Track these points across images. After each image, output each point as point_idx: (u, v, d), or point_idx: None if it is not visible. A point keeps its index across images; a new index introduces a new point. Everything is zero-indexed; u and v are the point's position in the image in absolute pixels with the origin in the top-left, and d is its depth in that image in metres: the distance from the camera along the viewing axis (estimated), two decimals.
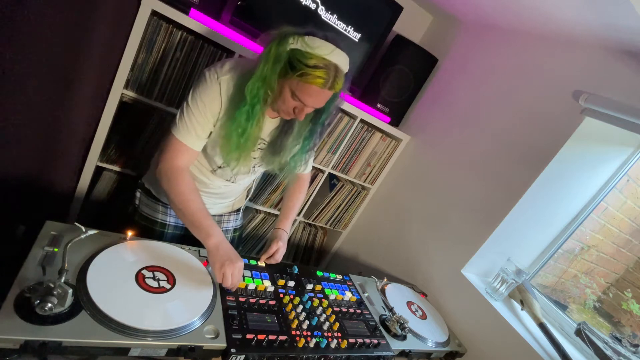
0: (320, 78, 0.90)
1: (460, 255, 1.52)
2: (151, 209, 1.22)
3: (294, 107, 0.97)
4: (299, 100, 0.94)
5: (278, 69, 0.91)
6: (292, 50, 0.90)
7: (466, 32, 1.90)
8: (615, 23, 1.12)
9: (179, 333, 0.78)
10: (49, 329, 0.67)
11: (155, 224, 1.22)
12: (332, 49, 0.90)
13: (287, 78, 0.92)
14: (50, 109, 1.22)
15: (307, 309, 1.05)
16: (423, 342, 1.19)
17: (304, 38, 0.89)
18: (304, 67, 0.89)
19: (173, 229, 1.24)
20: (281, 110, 1.00)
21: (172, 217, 1.23)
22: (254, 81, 0.93)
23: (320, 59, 0.89)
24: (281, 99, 0.96)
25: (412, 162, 1.94)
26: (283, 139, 1.08)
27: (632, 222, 1.60)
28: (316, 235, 2.22)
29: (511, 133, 1.50)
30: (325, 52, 0.89)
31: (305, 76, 0.89)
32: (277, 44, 0.90)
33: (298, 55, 0.89)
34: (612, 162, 1.42)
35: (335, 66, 0.91)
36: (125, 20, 1.25)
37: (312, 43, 0.89)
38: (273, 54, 0.90)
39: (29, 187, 1.31)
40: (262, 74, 0.92)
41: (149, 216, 1.22)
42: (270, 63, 0.91)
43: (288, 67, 0.91)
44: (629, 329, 1.50)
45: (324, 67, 0.89)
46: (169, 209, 1.21)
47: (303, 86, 0.91)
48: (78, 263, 0.82)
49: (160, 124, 1.48)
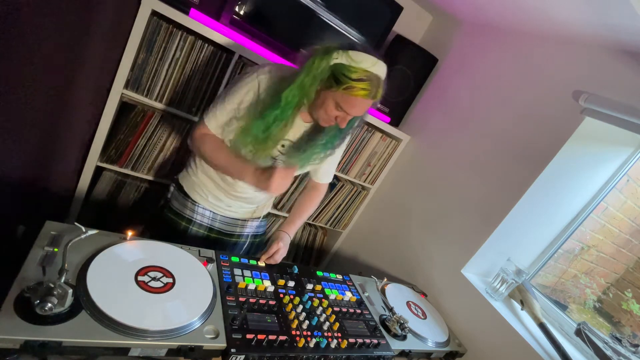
0: (365, 90, 0.96)
1: (460, 255, 1.52)
2: (181, 204, 1.27)
3: (336, 116, 1.03)
4: (342, 110, 1.00)
5: (320, 81, 0.97)
6: (336, 64, 0.95)
7: (466, 32, 1.90)
8: (615, 23, 1.12)
9: (179, 333, 0.78)
10: (49, 329, 0.66)
11: (183, 219, 1.26)
12: (375, 61, 0.96)
13: (332, 91, 0.97)
14: (50, 109, 1.22)
15: (307, 309, 1.05)
16: (423, 342, 1.19)
17: (347, 53, 0.95)
18: (349, 80, 0.94)
19: (198, 227, 1.27)
20: (322, 119, 1.05)
21: (198, 215, 1.27)
22: (292, 89, 0.98)
23: (363, 71, 0.95)
24: (323, 109, 1.01)
25: (412, 162, 1.94)
26: (308, 141, 1.13)
27: (632, 222, 1.60)
28: (316, 235, 2.22)
29: (511, 133, 1.50)
30: (369, 64, 0.95)
31: (350, 89, 0.95)
32: (320, 57, 0.96)
33: (342, 69, 0.94)
34: (612, 162, 1.42)
35: (378, 77, 0.97)
36: (125, 20, 1.25)
37: (356, 57, 0.94)
38: (316, 67, 0.96)
39: (29, 187, 1.31)
40: (302, 84, 0.97)
41: (178, 211, 1.27)
42: (311, 75, 0.96)
43: (332, 81, 0.96)
44: (629, 329, 1.50)
45: (367, 80, 0.95)
46: (197, 206, 1.26)
47: (348, 98, 0.97)
48: (78, 263, 0.82)
49: (160, 124, 1.48)
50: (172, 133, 1.51)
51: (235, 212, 1.29)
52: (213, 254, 1.07)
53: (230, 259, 1.09)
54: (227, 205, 1.26)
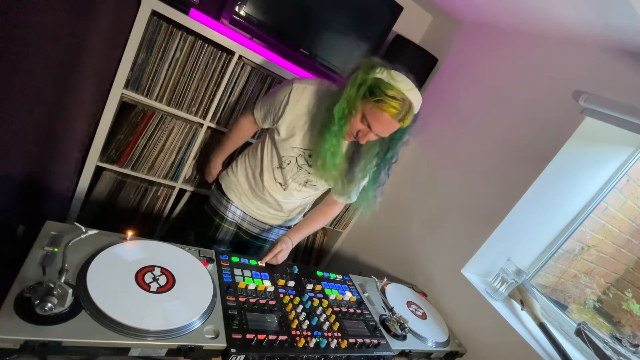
0: (394, 109, 0.97)
1: (460, 255, 1.52)
2: (217, 201, 1.37)
3: (358, 130, 1.04)
4: (367, 123, 1.02)
5: (362, 93, 0.99)
6: (377, 79, 0.98)
7: (466, 32, 1.90)
8: (615, 23, 1.12)
9: (179, 333, 0.78)
10: (49, 329, 0.66)
11: (217, 214, 1.36)
12: (412, 87, 0.99)
13: (364, 102, 1.00)
14: (50, 109, 1.22)
15: (307, 309, 1.05)
16: (423, 342, 1.19)
17: (390, 71, 0.98)
18: (383, 95, 0.96)
19: (229, 224, 1.36)
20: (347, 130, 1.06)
21: (230, 213, 1.35)
22: (341, 103, 1.01)
23: (399, 91, 0.97)
24: (350, 119, 1.03)
25: (412, 162, 1.94)
26: (352, 168, 1.15)
27: (632, 222, 1.60)
28: (316, 235, 2.22)
29: (511, 133, 1.50)
30: (406, 87, 0.98)
31: (381, 103, 0.97)
32: (364, 71, 0.99)
33: (380, 84, 0.97)
34: (612, 162, 1.42)
35: (410, 102, 0.99)
36: (125, 20, 1.25)
37: (396, 77, 0.98)
38: (360, 79, 0.98)
39: (29, 187, 1.31)
40: (347, 97, 1.00)
41: (214, 207, 1.37)
42: (355, 87, 0.99)
43: (367, 92, 0.98)
44: (629, 329, 1.50)
45: (400, 100, 0.97)
46: (231, 204, 1.35)
47: (376, 112, 0.99)
48: (78, 263, 0.82)
49: (160, 124, 1.48)
50: (172, 133, 1.51)
51: (263, 215, 1.36)
52: (213, 254, 1.07)
53: (230, 259, 1.09)
54: (257, 208, 1.34)
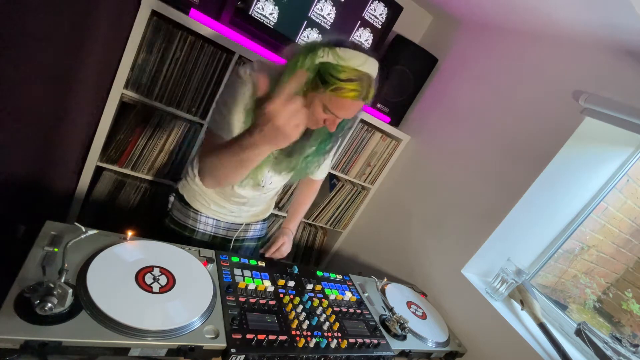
0: (354, 91, 0.86)
1: (460, 255, 1.52)
2: (183, 214, 1.23)
3: (324, 119, 0.94)
4: (331, 113, 0.91)
5: (312, 84, 0.88)
6: (323, 63, 0.86)
7: (466, 32, 1.90)
8: (615, 23, 1.12)
9: (179, 333, 0.78)
10: (49, 329, 0.66)
11: (185, 229, 1.23)
12: (364, 59, 0.86)
13: (319, 92, 0.88)
14: (50, 109, 1.22)
15: (307, 309, 1.05)
16: (423, 342, 1.19)
17: (335, 50, 0.85)
18: (337, 81, 0.85)
19: (201, 236, 1.24)
20: (310, 121, 0.94)
21: (201, 224, 1.23)
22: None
23: (352, 70, 0.85)
24: (310, 111, 0.91)
25: (412, 162, 1.94)
26: (297, 143, 0.96)
27: (632, 222, 1.60)
28: (316, 235, 2.22)
29: (511, 133, 1.50)
30: (357, 63, 0.85)
31: (338, 90, 0.86)
32: (304, 55, 0.86)
33: (329, 68, 0.85)
34: (612, 162, 1.42)
35: (368, 76, 0.88)
36: (125, 20, 1.25)
37: (344, 54, 0.85)
38: (300, 66, 0.86)
39: (29, 187, 1.31)
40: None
41: (180, 221, 1.23)
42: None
43: (318, 81, 0.87)
44: (629, 329, 1.50)
45: (357, 80, 0.86)
46: (200, 215, 1.22)
47: (336, 100, 0.88)
48: (78, 263, 0.82)
49: (160, 124, 1.48)
50: (172, 133, 1.51)
51: (238, 216, 1.26)
52: (213, 254, 1.07)
53: (230, 259, 1.09)
54: (230, 211, 1.24)
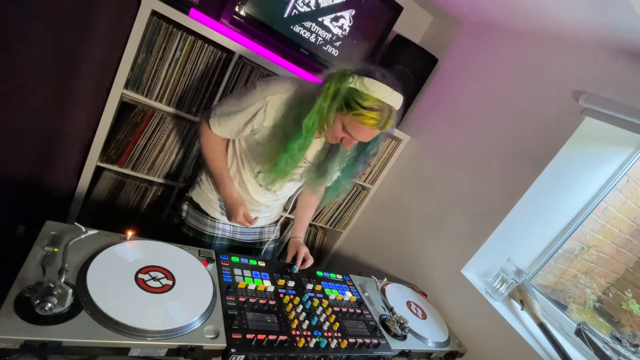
0: (374, 119, 0.94)
1: (460, 255, 1.52)
2: (199, 222, 1.26)
3: (342, 138, 1.02)
4: (348, 134, 0.99)
5: (336, 105, 0.95)
6: (350, 89, 0.93)
7: (466, 32, 1.90)
8: (615, 23, 1.12)
9: (179, 333, 0.78)
10: (49, 329, 0.66)
11: (204, 236, 1.26)
12: (390, 92, 0.94)
13: (342, 113, 0.96)
14: (50, 109, 1.22)
15: (307, 309, 1.05)
16: (423, 342, 1.19)
17: (363, 79, 0.92)
18: (359, 107, 0.93)
19: (220, 241, 1.28)
20: (328, 136, 1.05)
21: (219, 230, 1.27)
22: (311, 116, 0.97)
23: (376, 101, 0.93)
24: (331, 128, 1.01)
25: (412, 162, 1.94)
26: (327, 163, 1.13)
27: (632, 222, 1.60)
28: (316, 235, 2.22)
29: (511, 133, 1.50)
30: (382, 95, 0.93)
31: (358, 116, 0.93)
32: (336, 81, 0.94)
33: (355, 95, 0.93)
34: (612, 162, 1.42)
35: (390, 108, 0.95)
36: (125, 20, 1.25)
37: (371, 86, 0.92)
38: (332, 91, 0.94)
39: (29, 187, 1.31)
40: (320, 110, 0.96)
41: (197, 228, 1.26)
42: (328, 100, 0.95)
43: (344, 104, 0.95)
44: (629, 329, 1.50)
45: (378, 110, 0.93)
46: (217, 222, 1.27)
47: (355, 124, 0.95)
48: (78, 263, 0.82)
49: (160, 124, 1.48)
50: (172, 133, 1.51)
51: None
52: (213, 254, 1.07)
53: (230, 259, 1.09)
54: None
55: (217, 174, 1.15)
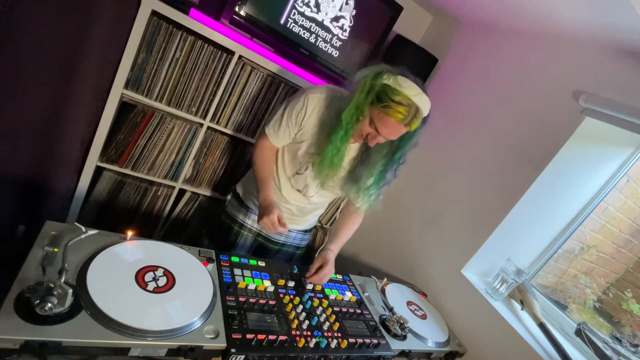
0: (400, 114, 0.99)
1: (460, 255, 1.52)
2: (236, 209, 1.38)
3: (367, 133, 1.07)
4: (375, 128, 1.04)
5: (370, 99, 1.02)
6: (384, 84, 1.01)
7: (466, 32, 1.90)
8: (615, 23, 1.12)
9: (179, 333, 0.78)
10: (49, 329, 0.67)
11: (236, 222, 1.36)
12: (419, 92, 1.01)
13: (372, 106, 1.03)
14: (50, 109, 1.22)
15: (307, 309, 1.05)
16: (423, 342, 1.19)
17: (396, 77, 1.01)
18: (389, 100, 0.99)
19: (248, 231, 1.37)
20: (356, 132, 1.09)
21: (249, 220, 1.36)
22: (350, 108, 1.04)
23: (405, 97, 0.99)
24: (360, 122, 1.06)
25: (412, 162, 1.93)
26: (360, 168, 1.18)
27: (632, 222, 1.60)
28: (316, 235, 2.21)
29: (511, 133, 1.50)
30: (412, 93, 1.00)
31: (387, 108, 1.00)
32: (372, 77, 1.02)
33: (387, 89, 1.00)
34: (612, 162, 1.42)
35: (417, 107, 1.01)
36: (125, 20, 1.25)
37: (403, 82, 1.00)
38: (368, 86, 1.02)
39: (29, 187, 1.31)
40: (357, 102, 1.03)
41: (233, 215, 1.37)
42: (364, 93, 1.02)
43: (375, 97, 1.01)
44: (629, 329, 1.50)
45: (406, 105, 0.99)
46: (250, 212, 1.36)
47: (383, 117, 1.01)
48: (78, 263, 0.82)
49: (160, 124, 1.48)
50: (172, 133, 1.51)
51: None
52: (213, 254, 1.07)
53: (230, 258, 1.09)
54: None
55: (262, 180, 1.20)
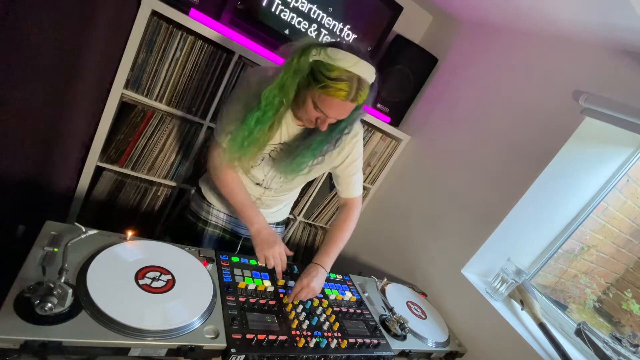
0: (342, 90, 0.89)
1: (460, 255, 1.52)
2: (198, 206, 1.30)
3: (316, 118, 0.97)
4: (320, 111, 0.94)
5: (298, 79, 0.91)
6: (315, 61, 0.89)
7: (466, 32, 1.90)
8: (615, 23, 1.12)
9: (179, 333, 0.78)
10: (49, 329, 0.67)
11: (199, 220, 1.29)
12: (356, 60, 0.88)
13: (310, 89, 0.92)
14: (50, 109, 1.22)
15: (307, 309, 1.05)
16: (423, 342, 1.19)
17: (326, 49, 0.89)
18: (326, 79, 0.88)
19: (213, 228, 1.30)
20: (304, 119, 1.01)
21: (213, 217, 1.29)
22: (271, 88, 0.94)
23: (342, 70, 0.88)
24: (304, 108, 0.96)
25: (412, 162, 1.94)
26: (299, 144, 1.07)
27: (632, 222, 1.60)
28: (316, 235, 2.21)
29: (511, 133, 1.50)
30: (348, 64, 0.88)
31: (326, 88, 0.89)
32: (299, 55, 0.91)
33: (320, 67, 0.88)
34: (612, 162, 1.42)
35: (359, 78, 0.90)
36: (125, 20, 1.25)
37: (335, 55, 0.88)
38: (295, 65, 0.91)
39: (29, 187, 1.31)
40: (281, 83, 0.93)
41: (195, 212, 1.30)
42: (290, 73, 0.91)
43: (311, 78, 0.90)
44: (629, 329, 1.50)
45: (346, 80, 0.88)
46: (212, 208, 1.28)
47: (325, 98, 0.91)
48: (78, 263, 0.82)
49: (160, 124, 1.48)
50: (172, 133, 1.51)
51: None
52: (213, 254, 1.07)
53: (230, 259, 1.09)
54: None
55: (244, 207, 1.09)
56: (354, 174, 1.20)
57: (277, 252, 1.05)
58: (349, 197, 1.23)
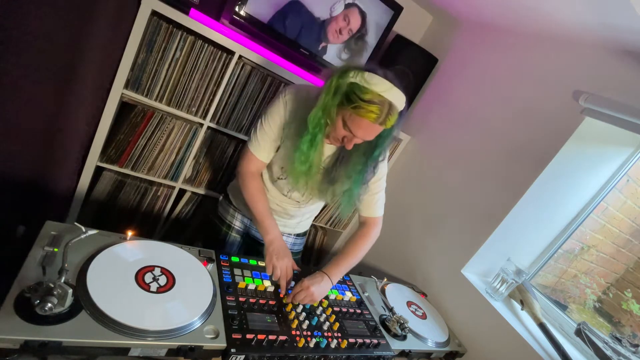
0: (373, 113, 0.93)
1: (460, 255, 1.52)
2: (225, 210, 1.37)
3: (343, 136, 1.01)
4: (349, 130, 0.98)
5: (337, 100, 0.96)
6: (351, 83, 0.94)
7: (466, 32, 1.90)
8: (615, 23, 1.12)
9: (179, 333, 0.78)
10: (49, 329, 0.67)
11: (224, 223, 1.36)
12: (389, 87, 0.94)
13: (342, 108, 0.96)
14: (50, 109, 1.22)
15: (307, 309, 1.05)
16: (423, 342, 1.19)
17: (363, 74, 0.93)
18: (359, 100, 0.93)
19: (236, 232, 1.36)
20: (331, 136, 1.04)
21: (237, 221, 1.35)
22: (316, 111, 0.98)
23: (375, 94, 0.92)
24: (333, 126, 1.00)
25: (413, 162, 1.93)
26: (338, 169, 1.11)
27: (632, 222, 1.60)
28: (316, 235, 2.22)
29: (511, 133, 1.50)
30: (382, 89, 0.93)
31: (358, 109, 0.93)
32: (338, 76, 0.96)
33: (355, 88, 0.93)
34: (612, 162, 1.42)
35: (390, 103, 0.94)
36: (125, 20, 1.25)
37: (371, 79, 0.93)
38: (334, 86, 0.95)
39: (29, 187, 1.31)
40: (324, 104, 0.97)
41: (221, 216, 1.37)
42: (331, 94, 0.96)
43: (344, 98, 0.95)
44: (629, 329, 1.50)
45: (378, 103, 0.93)
46: (238, 213, 1.35)
47: (355, 118, 0.95)
48: (78, 263, 0.82)
49: (160, 124, 1.48)
50: (172, 133, 1.51)
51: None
52: (213, 254, 1.07)
53: (230, 259, 1.09)
54: None
55: (261, 217, 1.13)
56: (377, 192, 1.23)
57: (284, 265, 1.07)
58: (369, 217, 1.26)
